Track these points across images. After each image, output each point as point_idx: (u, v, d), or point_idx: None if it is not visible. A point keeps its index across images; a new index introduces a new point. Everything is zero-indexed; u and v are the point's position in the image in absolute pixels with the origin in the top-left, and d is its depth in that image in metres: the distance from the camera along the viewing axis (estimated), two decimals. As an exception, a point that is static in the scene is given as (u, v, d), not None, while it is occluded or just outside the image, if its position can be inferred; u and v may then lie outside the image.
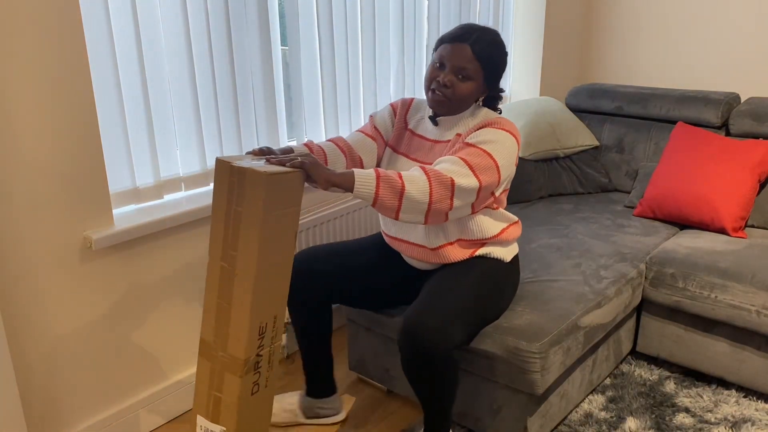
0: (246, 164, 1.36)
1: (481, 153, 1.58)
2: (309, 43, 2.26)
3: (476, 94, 1.68)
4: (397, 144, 1.83)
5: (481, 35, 1.64)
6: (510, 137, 1.64)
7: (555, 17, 3.31)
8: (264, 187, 1.31)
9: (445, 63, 1.64)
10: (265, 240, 1.36)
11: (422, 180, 1.50)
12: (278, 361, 1.51)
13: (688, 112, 2.71)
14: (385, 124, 1.85)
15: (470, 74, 1.63)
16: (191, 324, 2.05)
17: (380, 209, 1.50)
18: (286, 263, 1.44)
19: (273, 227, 1.36)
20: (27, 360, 1.67)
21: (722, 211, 2.28)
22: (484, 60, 1.63)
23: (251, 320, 1.39)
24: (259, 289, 1.38)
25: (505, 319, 1.76)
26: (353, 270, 1.84)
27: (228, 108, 2.04)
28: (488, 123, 1.65)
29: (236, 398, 1.43)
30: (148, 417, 1.98)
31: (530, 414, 1.76)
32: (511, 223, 1.79)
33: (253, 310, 1.39)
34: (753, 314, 1.97)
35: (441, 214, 1.55)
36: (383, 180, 1.47)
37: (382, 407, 2.08)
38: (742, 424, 1.94)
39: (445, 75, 1.63)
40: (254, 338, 1.41)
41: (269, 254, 1.38)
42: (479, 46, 1.62)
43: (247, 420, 1.48)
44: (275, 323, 1.45)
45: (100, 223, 1.74)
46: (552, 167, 2.80)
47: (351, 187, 1.46)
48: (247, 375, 1.43)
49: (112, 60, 1.72)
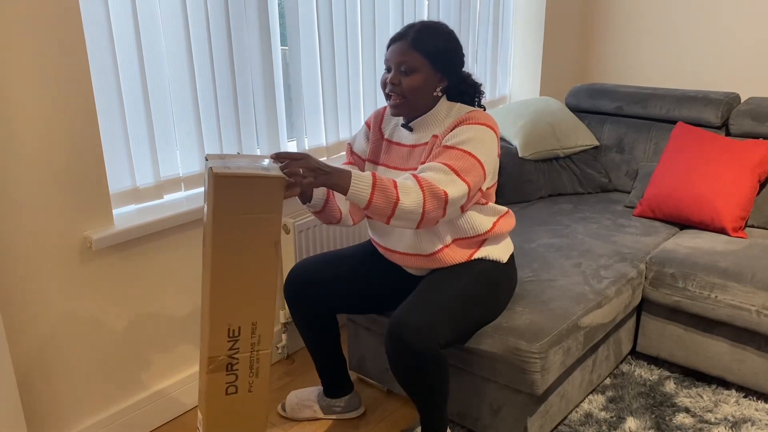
0: (217, 162, 1.37)
1: (461, 154, 1.57)
2: (309, 43, 2.26)
3: (430, 85, 1.65)
4: (376, 156, 1.81)
5: (420, 27, 1.63)
6: (486, 130, 1.62)
7: (555, 17, 3.31)
8: (214, 187, 1.31)
9: (390, 64, 1.65)
10: (220, 240, 1.35)
11: (416, 191, 1.50)
12: (267, 369, 1.49)
13: (688, 112, 2.71)
14: (362, 146, 1.85)
15: (412, 66, 1.62)
16: (191, 324, 2.05)
17: (372, 214, 1.51)
18: (264, 270, 1.41)
19: (231, 229, 1.34)
20: (27, 360, 1.67)
21: (722, 211, 2.28)
22: (424, 49, 1.61)
23: (212, 319, 1.40)
24: (219, 290, 1.38)
25: (505, 319, 1.76)
26: (349, 279, 1.84)
27: (228, 108, 2.04)
28: (462, 120, 1.63)
29: (204, 393, 1.46)
30: (148, 417, 1.98)
31: (530, 414, 1.76)
32: (502, 215, 1.79)
33: (214, 309, 1.39)
34: (753, 314, 1.97)
35: (433, 222, 1.56)
36: (378, 188, 1.47)
37: (382, 407, 2.08)
38: (742, 424, 1.94)
39: (393, 75, 1.64)
40: (221, 339, 1.42)
41: (229, 256, 1.37)
42: (416, 38, 1.61)
43: (221, 418, 1.49)
44: (254, 329, 1.44)
45: (100, 223, 1.74)
46: (552, 167, 2.80)
47: (346, 189, 1.46)
48: (216, 374, 1.44)
49: (112, 60, 1.72)
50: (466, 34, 2.99)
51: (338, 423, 2.01)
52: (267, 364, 1.49)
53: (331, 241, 2.39)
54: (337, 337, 1.93)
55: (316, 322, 1.86)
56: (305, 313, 1.84)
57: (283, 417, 2.04)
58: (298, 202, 2.30)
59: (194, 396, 2.09)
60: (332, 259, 1.86)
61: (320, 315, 1.85)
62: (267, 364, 1.49)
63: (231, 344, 1.44)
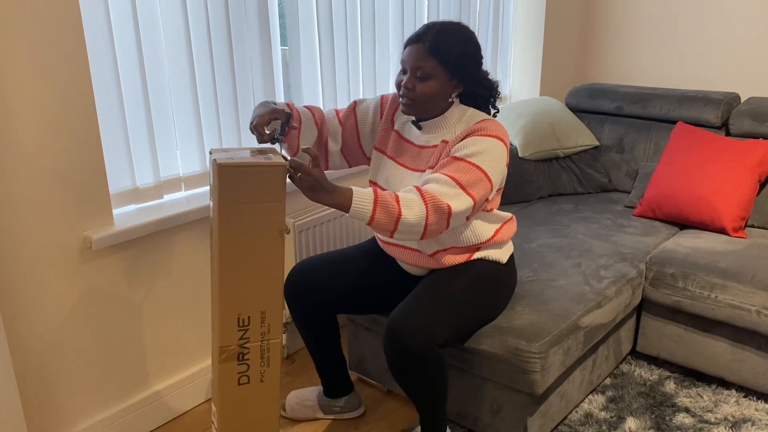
0: (222, 155, 1.40)
1: (468, 167, 1.56)
2: (309, 43, 2.26)
3: (445, 92, 1.63)
4: (384, 146, 1.80)
5: (439, 30, 1.59)
6: (497, 142, 1.60)
7: (555, 17, 3.31)
8: (218, 178, 1.34)
9: (406, 66, 1.63)
10: (227, 230, 1.38)
11: (419, 205, 1.49)
12: (278, 359, 1.51)
13: (688, 112, 2.71)
14: (367, 112, 1.82)
15: (428, 72, 1.59)
16: (191, 324, 2.05)
17: (376, 229, 1.51)
18: (270, 259, 1.44)
19: (237, 219, 1.38)
20: (27, 360, 1.67)
21: (722, 211, 2.28)
22: (442, 55, 1.58)
23: (222, 309, 1.43)
24: (227, 279, 1.41)
25: (505, 319, 1.76)
26: (350, 279, 1.84)
27: (228, 108, 2.04)
28: (472, 131, 1.61)
29: (217, 383, 1.49)
30: (148, 417, 1.98)
31: (530, 414, 1.76)
32: (505, 221, 1.79)
33: (223, 299, 1.42)
34: (753, 314, 1.97)
35: (437, 234, 1.56)
36: (380, 204, 1.47)
37: (382, 407, 2.08)
38: (742, 424, 1.94)
39: (408, 79, 1.62)
40: (231, 328, 1.45)
41: (236, 245, 1.40)
42: (434, 42, 1.57)
43: (235, 408, 1.51)
44: (264, 318, 1.47)
45: (100, 223, 1.74)
46: (552, 167, 2.80)
47: (347, 208, 1.47)
48: (227, 363, 1.47)
49: (112, 60, 1.72)
50: (466, 34, 2.99)
51: (338, 423, 2.01)
52: (278, 353, 1.51)
53: (331, 241, 2.39)
54: (337, 337, 1.93)
55: (316, 322, 1.86)
56: (305, 313, 1.84)
57: (283, 417, 2.04)
58: (298, 203, 2.30)
59: (194, 396, 2.10)
60: (332, 260, 1.86)
61: (320, 315, 1.85)
62: (278, 353, 1.51)
63: (241, 333, 1.46)
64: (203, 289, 2.06)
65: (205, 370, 2.12)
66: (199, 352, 2.10)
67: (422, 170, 1.71)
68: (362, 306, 1.87)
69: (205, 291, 2.06)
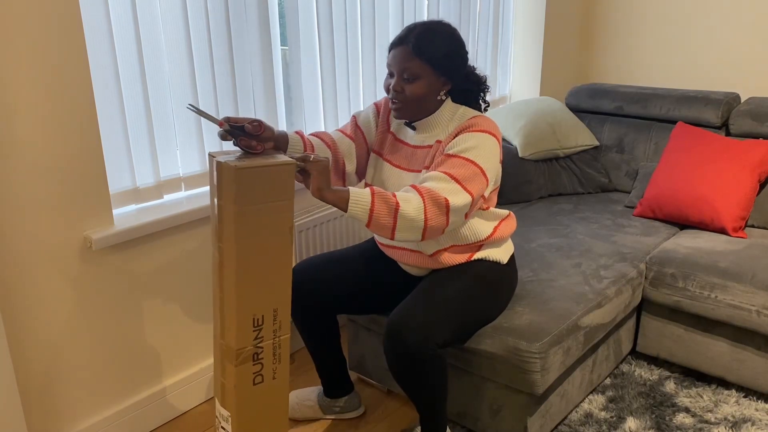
0: (226, 157, 1.39)
1: (463, 162, 1.57)
2: (309, 43, 2.26)
3: (434, 91, 1.64)
4: (381, 148, 1.81)
5: (421, 30, 1.60)
6: (488, 137, 1.61)
7: (555, 17, 3.31)
8: (234, 181, 1.34)
9: (393, 70, 1.63)
10: (243, 232, 1.37)
11: (416, 199, 1.50)
12: (288, 354, 1.52)
13: (688, 112, 2.71)
14: (369, 122, 1.83)
15: (415, 73, 1.60)
16: (191, 324, 2.05)
17: (375, 227, 1.50)
18: (281, 256, 1.45)
19: (252, 220, 1.38)
20: (27, 360, 1.67)
21: (722, 211, 2.28)
22: (426, 54, 1.58)
23: (239, 311, 1.42)
24: (244, 281, 1.41)
25: (505, 319, 1.76)
26: (350, 279, 1.84)
27: (228, 108, 2.04)
28: (464, 128, 1.62)
29: (233, 386, 1.47)
30: (148, 417, 1.98)
31: (530, 414, 1.76)
32: (503, 218, 1.79)
33: (240, 301, 1.41)
34: (753, 314, 1.97)
35: (438, 231, 1.55)
36: (378, 195, 1.48)
37: (382, 407, 2.08)
38: (742, 424, 1.94)
39: (395, 81, 1.62)
40: (247, 329, 1.44)
41: (252, 246, 1.39)
42: (417, 43, 1.58)
43: (251, 409, 1.50)
44: (276, 316, 1.47)
45: (100, 223, 1.74)
46: (552, 167, 2.80)
47: (346, 201, 1.46)
48: (244, 365, 1.46)
49: (112, 60, 1.72)
50: (466, 34, 2.99)
51: (338, 423, 2.01)
52: (287, 348, 1.52)
53: (331, 242, 2.39)
54: (337, 337, 1.93)
55: (316, 323, 1.86)
56: (305, 314, 1.84)
57: None
58: (298, 203, 2.30)
59: (194, 396, 2.10)
60: (332, 260, 1.86)
61: (320, 315, 1.85)
62: (287, 348, 1.52)
63: (256, 333, 1.45)
64: (203, 289, 2.06)
65: (205, 370, 2.12)
66: (199, 352, 2.10)
67: (417, 170, 1.71)
68: (362, 306, 1.87)
69: (204, 291, 2.06)
